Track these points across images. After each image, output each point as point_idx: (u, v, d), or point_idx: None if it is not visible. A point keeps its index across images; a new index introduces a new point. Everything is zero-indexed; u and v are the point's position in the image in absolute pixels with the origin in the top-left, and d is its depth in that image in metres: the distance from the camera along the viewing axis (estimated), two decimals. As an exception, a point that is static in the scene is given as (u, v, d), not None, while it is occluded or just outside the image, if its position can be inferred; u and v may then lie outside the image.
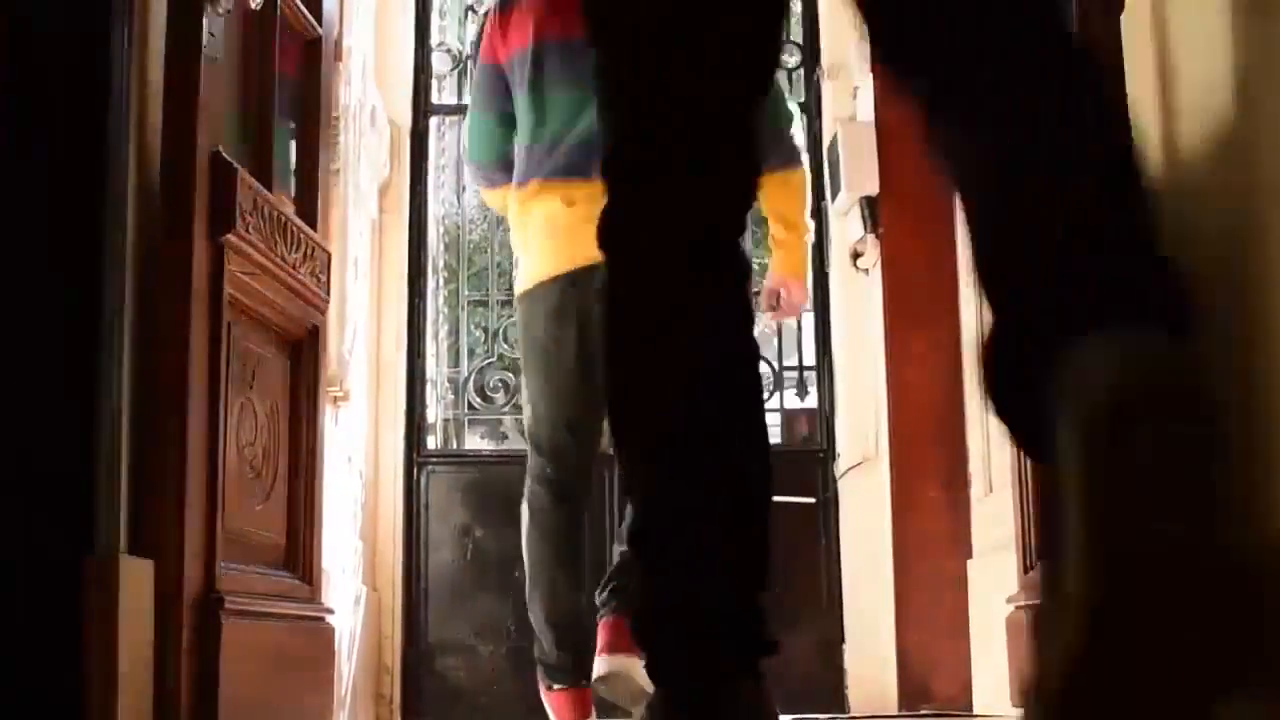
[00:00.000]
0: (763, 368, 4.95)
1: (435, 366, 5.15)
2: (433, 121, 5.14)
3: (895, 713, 4.17)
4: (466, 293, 5.31)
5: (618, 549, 3.16)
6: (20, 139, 2.14)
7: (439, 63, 5.18)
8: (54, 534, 2.06)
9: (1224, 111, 2.46)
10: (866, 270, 4.55)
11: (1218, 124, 2.48)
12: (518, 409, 4.47)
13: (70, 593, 2.03)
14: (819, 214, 4.87)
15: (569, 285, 2.91)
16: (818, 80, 4.89)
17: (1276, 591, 2.21)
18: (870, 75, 4.50)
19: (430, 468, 4.86)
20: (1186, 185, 2.56)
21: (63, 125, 2.16)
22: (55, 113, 2.16)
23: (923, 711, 4.07)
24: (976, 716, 3.80)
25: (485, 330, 5.23)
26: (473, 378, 5.11)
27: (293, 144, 2.97)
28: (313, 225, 2.83)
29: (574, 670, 3.03)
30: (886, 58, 1.35)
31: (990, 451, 3.80)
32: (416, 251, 4.97)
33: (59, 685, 2.01)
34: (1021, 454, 2.89)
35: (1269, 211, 2.30)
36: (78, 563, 2.04)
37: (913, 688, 4.18)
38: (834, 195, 4.63)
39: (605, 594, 2.98)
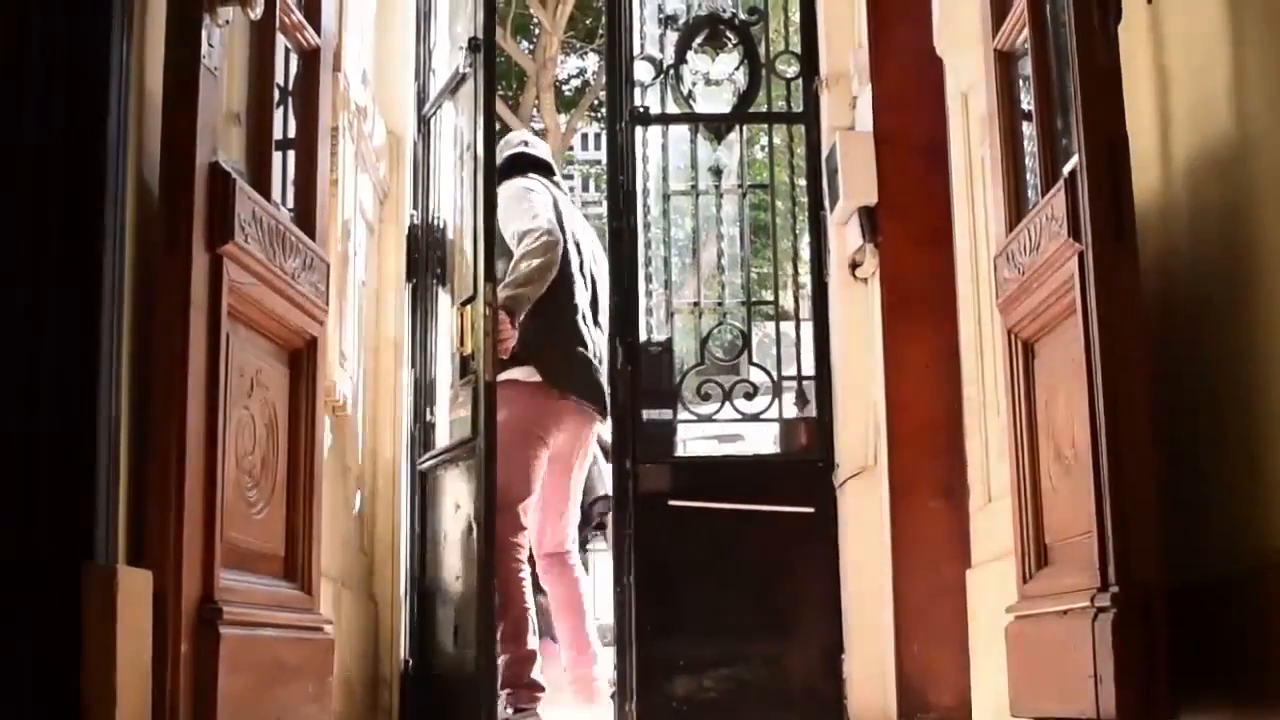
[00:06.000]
0: (762, 378, 4.99)
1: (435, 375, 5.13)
2: (431, 131, 5.14)
3: (895, 722, 4.17)
4: (465, 302, 5.28)
5: None
6: (19, 147, 2.14)
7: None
8: (53, 544, 2.05)
9: (1220, 119, 2.46)
10: (865, 280, 4.55)
11: (1214, 131, 2.48)
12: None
13: (69, 603, 2.03)
14: (817, 223, 4.88)
15: None
16: (816, 90, 4.89)
17: (1274, 600, 2.21)
18: (869, 85, 4.51)
19: (428, 479, 4.84)
20: (1183, 191, 2.57)
21: (61, 134, 2.15)
22: (54, 122, 2.16)
23: (922, 721, 4.06)
24: (976, 726, 3.79)
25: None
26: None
27: (291, 153, 2.97)
28: (311, 235, 2.83)
29: None
30: None
31: (989, 461, 3.80)
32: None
33: (58, 696, 2.01)
34: (1021, 463, 2.89)
35: (1264, 217, 2.30)
36: (77, 573, 2.04)
37: (912, 697, 4.17)
38: (832, 205, 4.63)
39: None
